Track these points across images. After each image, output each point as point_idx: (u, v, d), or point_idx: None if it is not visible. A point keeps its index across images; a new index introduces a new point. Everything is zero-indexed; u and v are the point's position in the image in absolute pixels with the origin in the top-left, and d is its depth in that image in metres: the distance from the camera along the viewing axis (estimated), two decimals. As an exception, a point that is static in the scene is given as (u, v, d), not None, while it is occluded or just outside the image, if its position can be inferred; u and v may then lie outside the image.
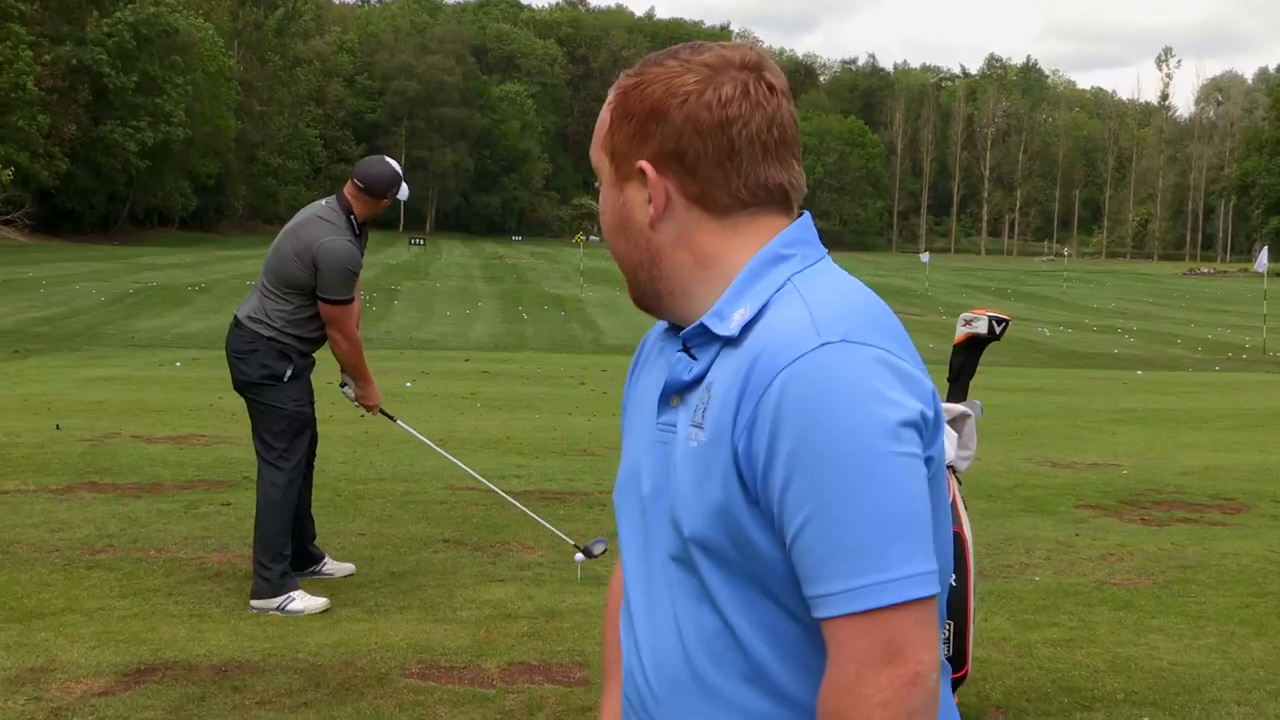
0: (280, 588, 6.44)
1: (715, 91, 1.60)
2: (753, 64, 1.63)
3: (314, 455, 7.16)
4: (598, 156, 1.72)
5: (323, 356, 6.95)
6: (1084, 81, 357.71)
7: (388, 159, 7.04)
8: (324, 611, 6.40)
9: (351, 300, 6.72)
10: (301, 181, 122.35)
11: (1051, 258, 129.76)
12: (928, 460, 1.51)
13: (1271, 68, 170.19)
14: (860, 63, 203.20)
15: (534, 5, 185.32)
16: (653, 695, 1.65)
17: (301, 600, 6.43)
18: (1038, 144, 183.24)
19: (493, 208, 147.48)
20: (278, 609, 6.38)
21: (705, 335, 1.60)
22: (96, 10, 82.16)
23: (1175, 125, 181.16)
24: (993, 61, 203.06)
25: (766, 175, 1.62)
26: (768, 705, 1.56)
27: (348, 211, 6.78)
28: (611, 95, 1.70)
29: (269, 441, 6.62)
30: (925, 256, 76.69)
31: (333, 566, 7.17)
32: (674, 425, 1.62)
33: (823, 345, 1.48)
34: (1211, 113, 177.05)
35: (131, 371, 21.48)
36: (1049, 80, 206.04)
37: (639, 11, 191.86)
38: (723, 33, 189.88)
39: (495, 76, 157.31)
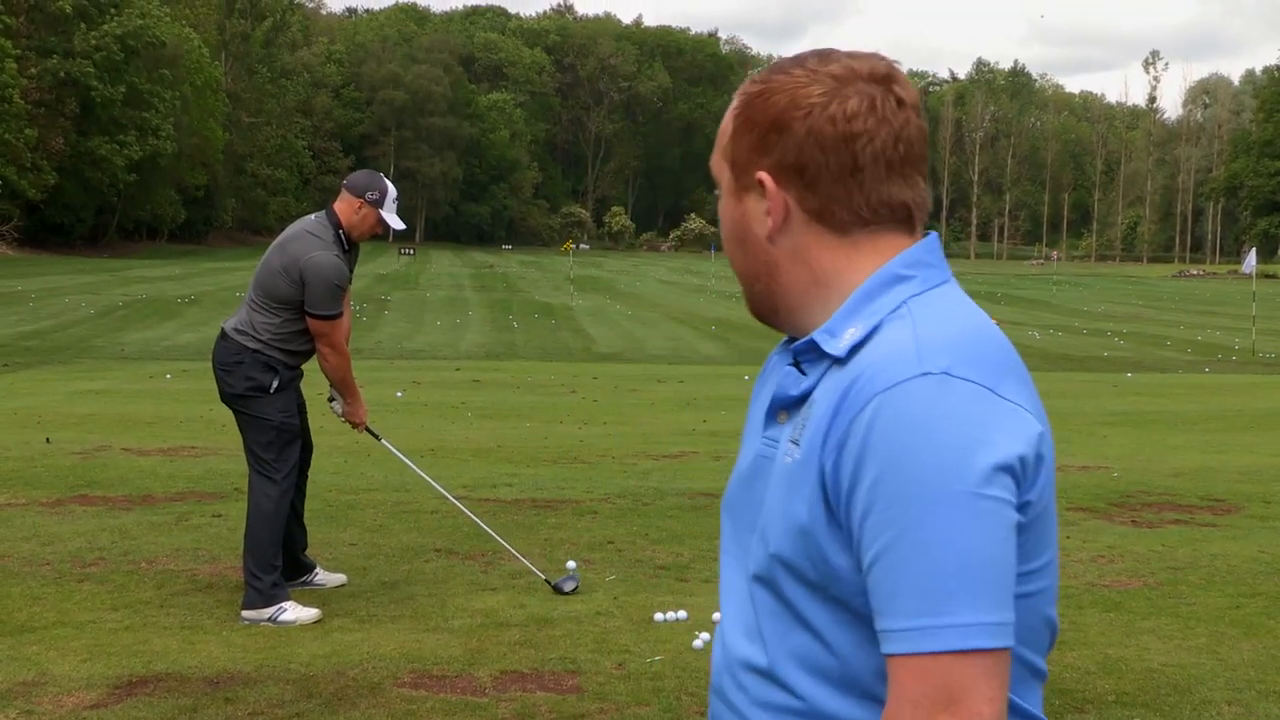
0: (272, 599, 6.44)
1: (840, 105, 1.56)
2: (881, 76, 1.58)
3: (308, 465, 7.16)
4: (718, 164, 1.68)
5: (312, 367, 6.95)
6: (1072, 85, 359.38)
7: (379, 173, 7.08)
8: (316, 622, 6.40)
9: (340, 315, 6.72)
10: (290, 193, 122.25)
11: (1041, 261, 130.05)
12: (1025, 506, 1.46)
13: (1258, 70, 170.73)
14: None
15: (521, 14, 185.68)
16: (737, 712, 1.63)
17: (293, 611, 6.43)
18: (1026, 148, 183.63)
19: (482, 217, 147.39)
20: (269, 620, 6.37)
21: (815, 351, 1.58)
22: (83, 23, 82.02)
23: (1163, 128, 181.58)
24: (980, 66, 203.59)
25: (889, 193, 1.58)
26: (862, 711, 1.54)
27: (336, 226, 6.78)
28: (735, 101, 1.65)
29: (258, 453, 6.62)
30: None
31: (324, 577, 7.17)
32: (776, 441, 1.61)
33: (922, 375, 1.45)
34: (1199, 115, 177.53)
35: (121, 384, 21.45)
36: (1037, 84, 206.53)
37: (627, 19, 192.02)
38: (710, 39, 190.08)
39: (483, 86, 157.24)
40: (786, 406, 1.61)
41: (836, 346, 1.55)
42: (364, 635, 6.15)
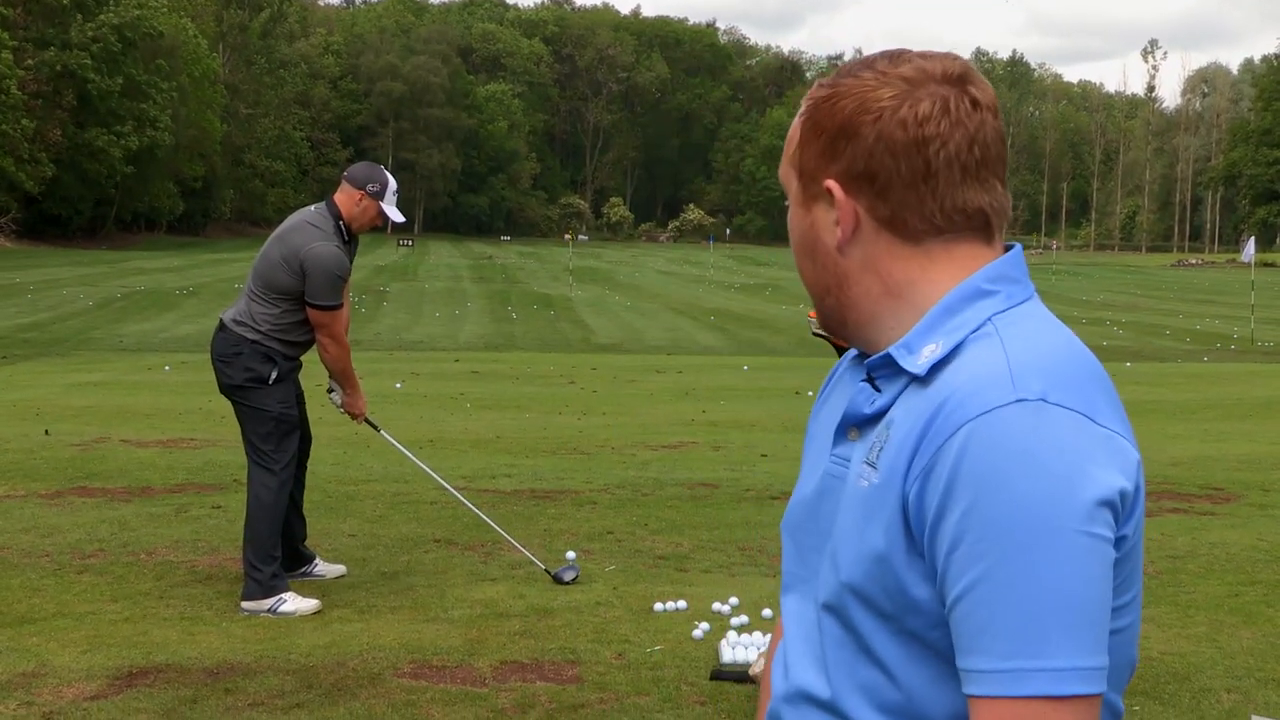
0: (271, 589, 6.44)
1: (912, 108, 1.48)
2: (955, 77, 1.51)
3: (307, 456, 7.16)
4: (785, 173, 1.60)
5: (311, 359, 6.95)
6: (1070, 75, 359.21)
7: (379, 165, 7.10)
8: (315, 613, 6.40)
9: (340, 306, 6.72)
10: (289, 184, 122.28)
11: (1040, 251, 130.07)
12: (1120, 540, 1.38)
13: (1256, 58, 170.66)
14: (846, 58, 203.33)
15: (519, 5, 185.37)
16: None
17: (293, 602, 6.43)
18: (1025, 138, 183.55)
19: (480, 208, 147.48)
20: (269, 611, 6.38)
21: (890, 368, 1.50)
22: (80, 14, 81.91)
23: (1162, 117, 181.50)
24: (980, 55, 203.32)
25: (965, 199, 1.50)
26: None
27: (337, 217, 6.79)
28: (803, 107, 1.58)
29: (257, 444, 6.63)
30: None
31: (324, 568, 7.17)
32: (847, 460, 1.53)
33: (1018, 401, 1.36)
34: (1198, 104, 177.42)
35: (120, 376, 21.45)
36: (1035, 74, 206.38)
37: (625, 9, 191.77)
38: (708, 30, 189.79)
39: (481, 77, 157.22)
40: (858, 424, 1.53)
41: (915, 363, 1.47)
42: (364, 626, 6.15)
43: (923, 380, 1.46)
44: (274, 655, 5.65)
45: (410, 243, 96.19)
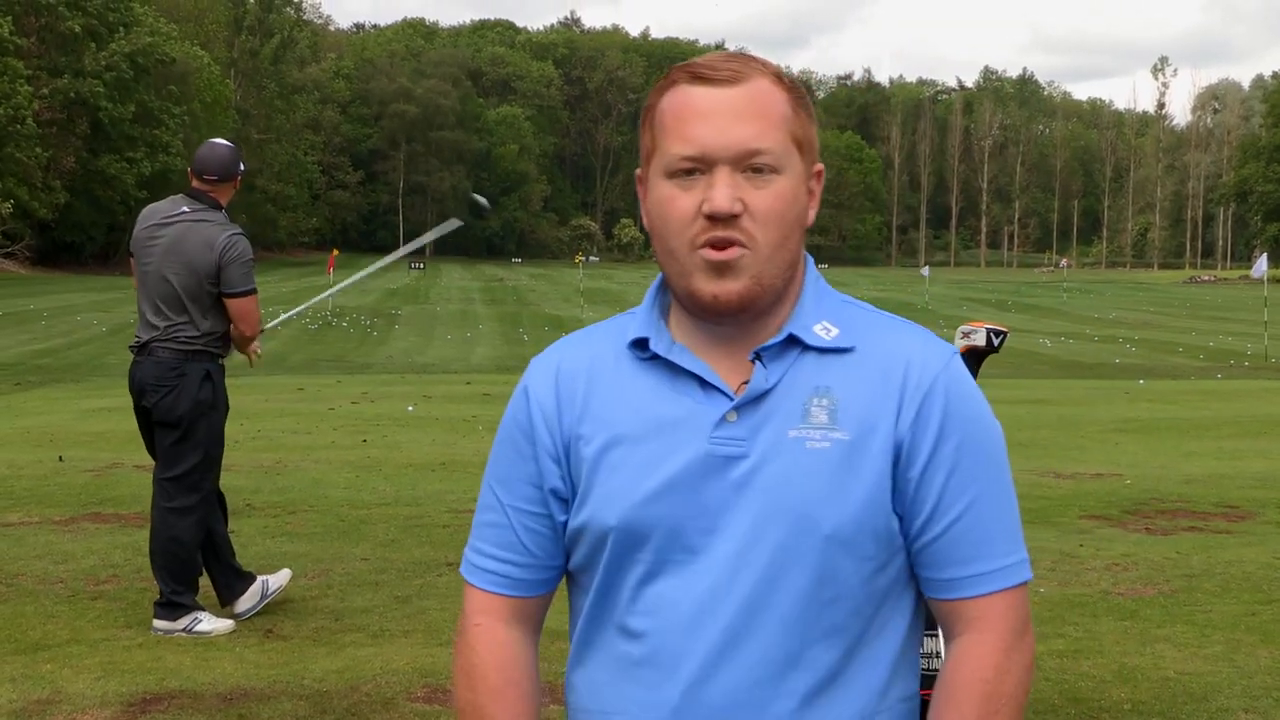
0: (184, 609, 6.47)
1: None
2: None
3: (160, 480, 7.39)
4: (783, 141, 1.63)
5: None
6: (1079, 92, 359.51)
7: (217, 141, 6.90)
8: (320, 638, 6.40)
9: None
10: (300, 209, 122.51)
11: (1051, 269, 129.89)
12: None
13: (1267, 75, 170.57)
14: (855, 78, 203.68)
15: (529, 28, 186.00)
16: None
17: (208, 622, 6.45)
18: (1035, 155, 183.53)
19: (492, 230, 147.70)
20: (184, 630, 6.38)
21: (788, 345, 1.64)
22: (93, 42, 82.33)
23: (1172, 134, 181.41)
24: (988, 74, 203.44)
25: None
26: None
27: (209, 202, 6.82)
28: (769, 74, 1.68)
29: None
30: (925, 270, 76.70)
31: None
32: (741, 439, 1.61)
33: (955, 354, 1.68)
34: (1208, 120, 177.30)
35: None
36: (1045, 92, 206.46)
37: (634, 32, 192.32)
38: (717, 51, 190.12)
39: (492, 99, 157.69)
40: (751, 402, 1.62)
41: (818, 339, 1.65)
42: (377, 650, 6.14)
43: (840, 352, 1.64)
44: (287, 680, 5.64)
45: (421, 266, 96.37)
